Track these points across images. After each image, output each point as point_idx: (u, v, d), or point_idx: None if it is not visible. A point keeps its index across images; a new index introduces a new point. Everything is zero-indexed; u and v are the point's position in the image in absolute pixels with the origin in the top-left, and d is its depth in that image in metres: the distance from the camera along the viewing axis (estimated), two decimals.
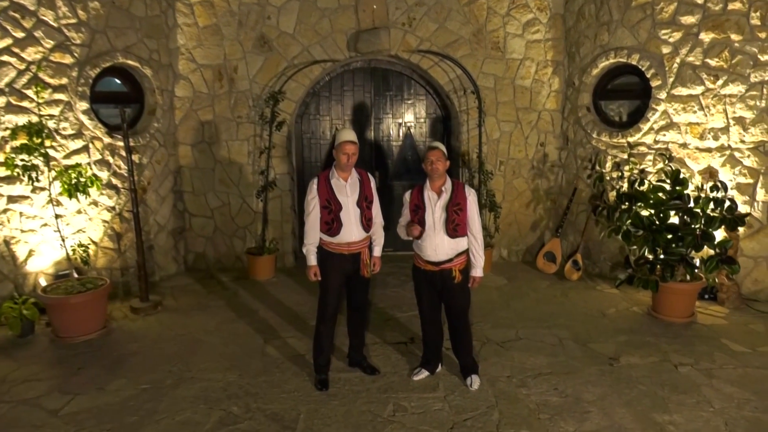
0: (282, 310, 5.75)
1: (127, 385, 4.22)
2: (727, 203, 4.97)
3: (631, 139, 6.16)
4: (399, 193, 7.59)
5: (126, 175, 5.85)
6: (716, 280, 5.47)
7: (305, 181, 7.47)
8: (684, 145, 5.86)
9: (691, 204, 5.09)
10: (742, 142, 5.62)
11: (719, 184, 5.05)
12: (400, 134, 7.54)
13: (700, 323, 5.30)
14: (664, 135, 5.96)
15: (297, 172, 7.38)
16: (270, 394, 4.09)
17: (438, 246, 4.00)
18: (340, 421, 3.76)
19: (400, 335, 5.14)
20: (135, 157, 5.97)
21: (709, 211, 5.04)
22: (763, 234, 5.64)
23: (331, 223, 4.07)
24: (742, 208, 5.49)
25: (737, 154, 5.65)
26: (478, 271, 4.09)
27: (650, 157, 6.07)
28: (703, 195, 5.23)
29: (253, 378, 4.33)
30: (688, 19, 5.66)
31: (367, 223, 4.17)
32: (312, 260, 4.12)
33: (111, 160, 5.88)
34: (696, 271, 5.08)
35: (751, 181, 5.61)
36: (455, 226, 3.98)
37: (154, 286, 6.31)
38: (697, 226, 4.95)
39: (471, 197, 4.03)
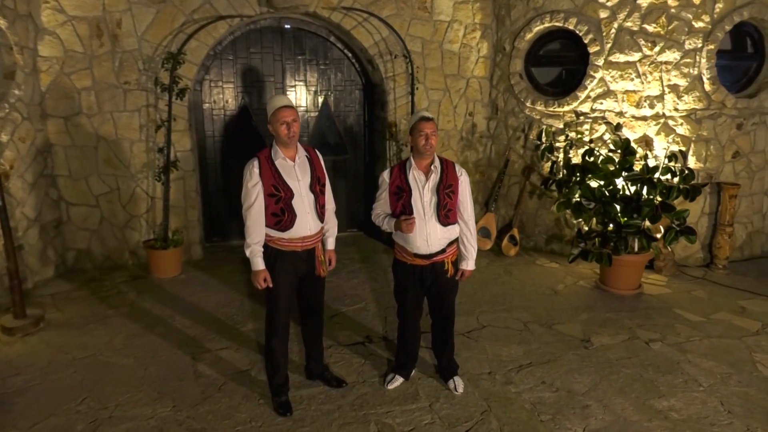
0: (202, 315, 4.83)
1: None
2: (685, 172, 4.89)
3: (567, 108, 5.94)
4: None
5: None
6: (660, 250, 5.46)
7: (207, 160, 6.48)
8: (620, 114, 5.75)
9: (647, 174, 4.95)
10: (676, 110, 5.61)
11: (678, 154, 4.96)
12: (317, 104, 6.74)
13: (648, 294, 5.26)
14: (601, 103, 5.81)
15: (197, 149, 6.32)
16: (221, 429, 3.28)
17: (430, 236, 3.39)
18: None
19: (353, 334, 4.50)
20: None
21: (665, 182, 4.94)
22: (688, 202, 5.71)
23: (281, 214, 3.29)
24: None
25: (671, 123, 5.65)
26: (470, 264, 3.56)
27: (587, 126, 5.90)
28: (643, 164, 5.14)
29: (192, 409, 3.47)
30: None
31: (321, 210, 3.45)
32: (260, 263, 3.30)
33: None
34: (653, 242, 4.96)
35: (683, 149, 5.64)
36: (447, 212, 3.41)
37: (29, 296, 5.03)
38: (655, 196, 4.83)
39: (463, 177, 3.47)
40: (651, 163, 5.28)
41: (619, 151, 5.17)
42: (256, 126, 6.58)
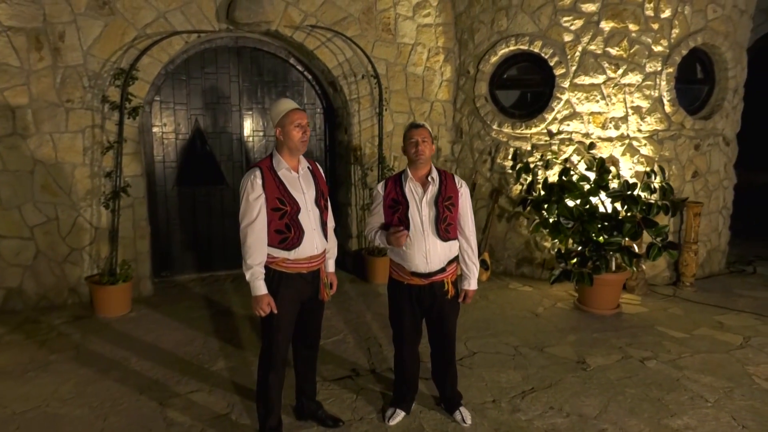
0: (163, 356, 4.29)
1: None
2: (665, 188, 4.93)
3: (535, 130, 5.94)
4: None
5: None
6: (635, 268, 5.45)
7: (156, 187, 5.97)
8: (587, 135, 5.79)
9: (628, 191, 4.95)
10: (639, 131, 5.72)
11: (656, 170, 5.00)
12: None
13: (627, 313, 5.22)
14: (568, 125, 5.84)
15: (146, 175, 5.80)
16: None
17: (429, 252, 3.14)
18: None
19: (337, 367, 4.12)
20: None
21: (644, 198, 4.96)
22: (658, 218, 5.79)
23: (287, 231, 2.95)
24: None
25: (635, 143, 5.74)
26: (472, 284, 3.32)
27: (555, 147, 5.90)
28: (622, 181, 5.17)
29: None
30: (589, 7, 5.59)
31: (324, 228, 3.14)
32: (262, 288, 2.92)
33: None
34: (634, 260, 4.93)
35: (647, 168, 5.73)
36: (447, 226, 3.18)
37: None
38: (636, 213, 4.82)
39: (464, 190, 3.28)
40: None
41: (594, 169, 5.16)
42: (211, 151, 6.15)
